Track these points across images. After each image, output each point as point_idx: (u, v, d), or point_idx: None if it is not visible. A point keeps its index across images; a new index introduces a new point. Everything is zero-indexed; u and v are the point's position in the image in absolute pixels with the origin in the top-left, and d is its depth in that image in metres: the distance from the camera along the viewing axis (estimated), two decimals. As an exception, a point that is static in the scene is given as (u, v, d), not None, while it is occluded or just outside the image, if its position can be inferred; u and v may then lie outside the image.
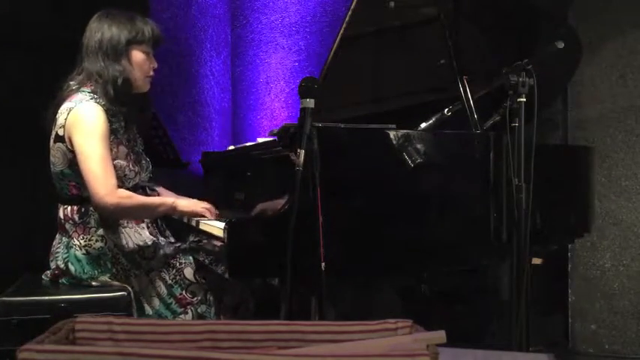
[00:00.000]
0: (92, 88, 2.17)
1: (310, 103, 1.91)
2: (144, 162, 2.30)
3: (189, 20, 3.60)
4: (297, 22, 3.76)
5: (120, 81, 2.13)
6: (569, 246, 3.34)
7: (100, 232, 2.17)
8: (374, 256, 2.19)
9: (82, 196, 2.16)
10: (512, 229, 2.26)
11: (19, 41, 3.06)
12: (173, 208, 2.21)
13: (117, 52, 2.15)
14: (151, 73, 2.27)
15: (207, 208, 2.25)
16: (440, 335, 1.28)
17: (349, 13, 2.47)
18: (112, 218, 2.17)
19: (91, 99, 2.13)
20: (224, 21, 3.81)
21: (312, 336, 1.36)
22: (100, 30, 2.16)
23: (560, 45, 2.25)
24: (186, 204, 2.24)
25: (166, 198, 2.28)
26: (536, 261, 2.76)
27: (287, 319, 1.80)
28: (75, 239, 2.17)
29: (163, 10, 3.55)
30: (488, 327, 3.17)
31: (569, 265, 3.37)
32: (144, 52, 2.21)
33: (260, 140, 2.74)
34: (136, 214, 2.20)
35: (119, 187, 2.12)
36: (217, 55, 3.74)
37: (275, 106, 3.79)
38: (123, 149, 2.20)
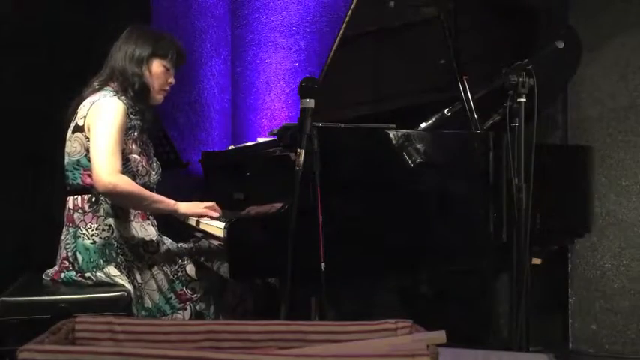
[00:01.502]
0: (115, 87, 2.28)
1: (310, 103, 1.91)
2: (155, 164, 2.36)
3: (189, 20, 3.61)
4: (297, 22, 3.76)
5: (137, 83, 2.27)
6: (569, 246, 3.34)
7: (108, 221, 2.21)
8: (374, 256, 2.19)
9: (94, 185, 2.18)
10: (512, 229, 2.26)
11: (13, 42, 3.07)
12: (174, 210, 2.24)
13: (139, 59, 2.30)
14: (167, 87, 2.39)
15: (209, 208, 2.28)
16: (440, 335, 1.27)
17: (349, 13, 2.47)
18: (115, 204, 2.20)
19: (114, 95, 2.23)
20: (224, 21, 3.81)
21: (312, 336, 1.36)
22: (130, 39, 2.33)
23: (560, 45, 2.25)
24: (188, 206, 2.27)
25: (168, 199, 2.29)
26: (536, 261, 2.76)
27: (287, 319, 1.80)
28: (82, 228, 2.20)
29: (164, 10, 3.55)
30: (488, 327, 3.17)
31: (569, 265, 3.36)
32: (164, 65, 2.35)
33: (260, 140, 2.74)
34: (132, 201, 2.19)
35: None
36: (217, 55, 3.74)
37: (275, 106, 3.79)
38: (137, 148, 2.26)
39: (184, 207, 2.26)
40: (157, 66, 2.32)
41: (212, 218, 2.29)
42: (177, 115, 3.56)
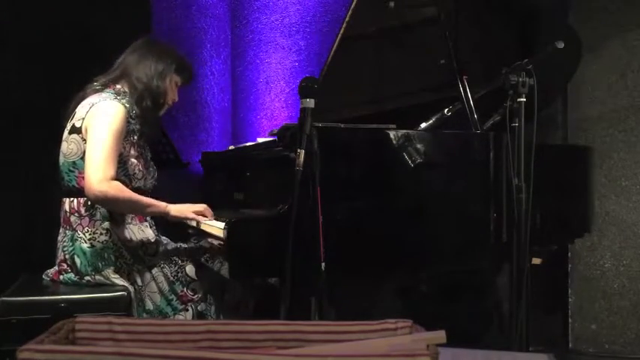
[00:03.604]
0: (117, 89, 2.26)
1: (310, 103, 1.91)
2: (151, 169, 2.35)
3: (189, 20, 3.60)
4: (297, 22, 3.76)
5: (161, 98, 2.31)
6: (569, 246, 3.34)
7: (106, 225, 2.20)
8: (374, 256, 2.19)
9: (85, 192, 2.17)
10: (512, 229, 2.26)
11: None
12: (165, 213, 2.22)
13: (164, 73, 2.31)
14: (172, 104, 2.41)
15: (200, 212, 2.24)
16: (440, 335, 1.27)
17: (349, 13, 2.47)
18: (107, 209, 2.19)
19: (115, 98, 2.20)
20: (224, 21, 3.81)
21: (312, 336, 1.36)
22: (151, 52, 2.33)
23: (560, 45, 2.25)
24: (179, 209, 2.24)
25: (159, 202, 2.27)
26: (536, 261, 2.76)
27: (287, 319, 1.79)
28: (79, 232, 2.19)
29: (164, 10, 3.55)
30: (488, 327, 3.17)
31: (569, 265, 3.37)
32: (176, 82, 2.37)
33: (260, 140, 2.74)
34: (124, 207, 2.18)
35: (124, 183, 2.15)
36: (217, 55, 3.74)
37: (275, 106, 3.79)
38: (135, 152, 2.24)
39: (175, 209, 2.23)
40: (173, 82, 2.35)
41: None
42: (177, 115, 3.56)
